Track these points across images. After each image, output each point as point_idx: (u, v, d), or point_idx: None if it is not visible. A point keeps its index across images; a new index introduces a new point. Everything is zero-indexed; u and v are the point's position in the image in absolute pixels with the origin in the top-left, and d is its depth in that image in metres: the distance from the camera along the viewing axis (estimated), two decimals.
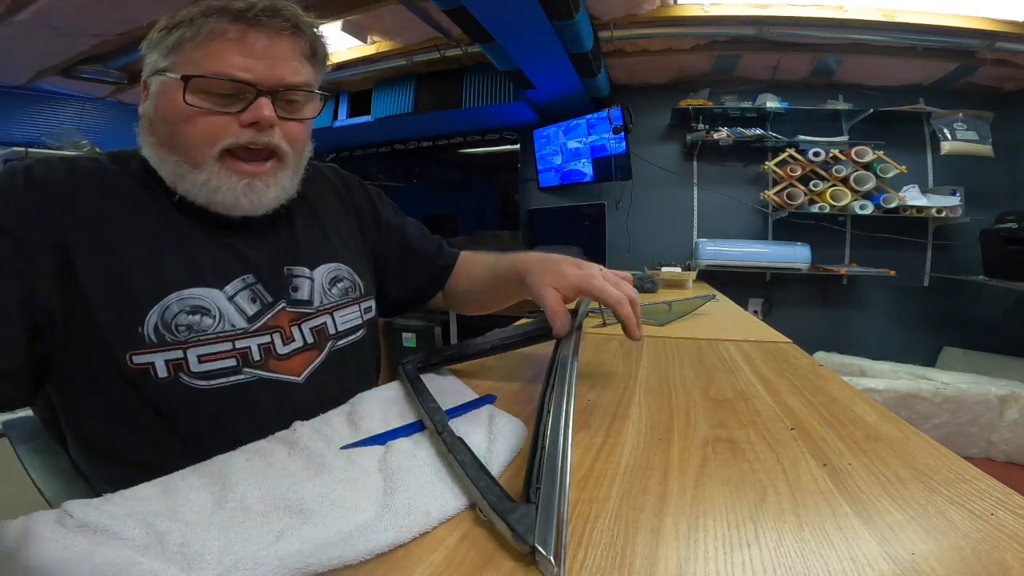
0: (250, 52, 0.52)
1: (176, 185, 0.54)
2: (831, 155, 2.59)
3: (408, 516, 0.32)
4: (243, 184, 0.54)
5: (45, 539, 0.28)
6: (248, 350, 0.55)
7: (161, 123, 0.54)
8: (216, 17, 0.51)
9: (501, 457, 0.41)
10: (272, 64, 0.53)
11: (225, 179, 0.54)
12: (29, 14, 2.10)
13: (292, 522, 0.32)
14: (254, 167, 0.55)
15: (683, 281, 2.05)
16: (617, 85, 2.97)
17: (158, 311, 0.51)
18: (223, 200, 0.54)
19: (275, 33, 0.53)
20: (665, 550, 0.30)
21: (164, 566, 0.27)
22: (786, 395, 0.61)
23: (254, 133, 0.54)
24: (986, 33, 2.14)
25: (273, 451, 0.42)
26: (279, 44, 0.53)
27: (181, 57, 0.52)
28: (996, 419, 1.98)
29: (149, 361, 0.50)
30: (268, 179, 0.56)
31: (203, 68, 0.51)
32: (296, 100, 0.57)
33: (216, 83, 0.51)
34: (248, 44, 0.52)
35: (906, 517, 0.33)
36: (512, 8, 1.77)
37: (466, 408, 0.52)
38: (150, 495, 0.35)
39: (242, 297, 0.56)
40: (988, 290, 2.56)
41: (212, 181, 0.53)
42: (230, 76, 0.51)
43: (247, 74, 0.52)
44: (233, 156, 0.54)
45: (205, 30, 0.51)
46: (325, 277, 0.65)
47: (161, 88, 0.53)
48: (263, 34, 0.52)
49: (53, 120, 3.22)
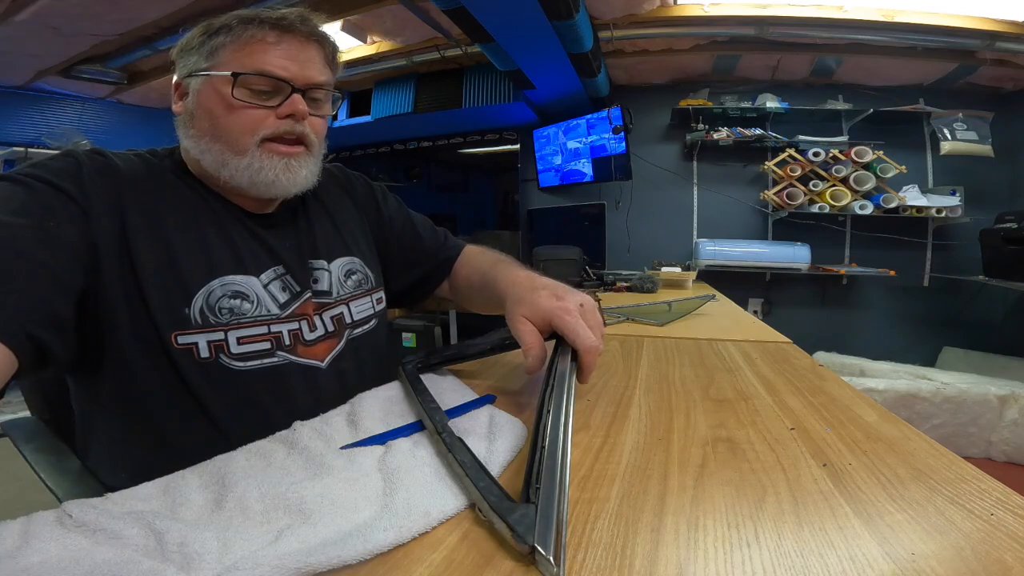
0: (287, 54, 0.59)
1: (220, 171, 0.60)
2: (831, 155, 2.59)
3: (408, 516, 0.32)
4: (282, 163, 0.61)
5: (44, 539, 0.28)
6: (280, 334, 0.61)
7: (205, 117, 0.60)
8: (256, 25, 0.58)
9: (501, 457, 0.41)
10: (304, 65, 0.61)
11: (267, 160, 0.60)
12: (29, 14, 2.10)
13: (291, 522, 0.32)
14: (289, 148, 0.62)
15: (683, 281, 2.05)
16: (617, 85, 2.97)
17: (204, 294, 0.56)
18: (264, 179, 0.61)
19: (305, 39, 0.61)
20: (665, 550, 0.30)
21: (163, 565, 0.27)
22: (786, 395, 0.61)
23: (291, 124, 0.61)
24: (986, 33, 2.14)
25: (273, 451, 0.42)
26: (308, 49, 0.61)
27: (223, 59, 0.58)
28: (996, 419, 1.98)
29: (193, 341, 0.55)
30: (301, 159, 0.63)
31: (248, 66, 0.58)
32: (319, 98, 0.64)
33: (257, 80, 0.58)
34: (285, 47, 0.59)
35: (906, 517, 0.33)
36: (512, 8, 1.77)
37: (466, 408, 0.52)
38: (150, 495, 0.35)
39: (275, 286, 0.63)
40: (988, 290, 2.57)
41: (255, 163, 0.60)
42: (272, 74, 0.58)
43: (285, 72, 0.59)
44: (272, 141, 0.61)
45: (246, 36, 0.58)
46: (341, 270, 0.71)
47: (206, 85, 0.60)
48: (296, 39, 0.60)
49: (53, 120, 3.22)
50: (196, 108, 0.60)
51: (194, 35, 0.60)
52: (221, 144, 0.59)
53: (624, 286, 1.91)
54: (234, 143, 0.59)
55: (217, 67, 0.58)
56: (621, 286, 1.92)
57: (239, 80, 0.57)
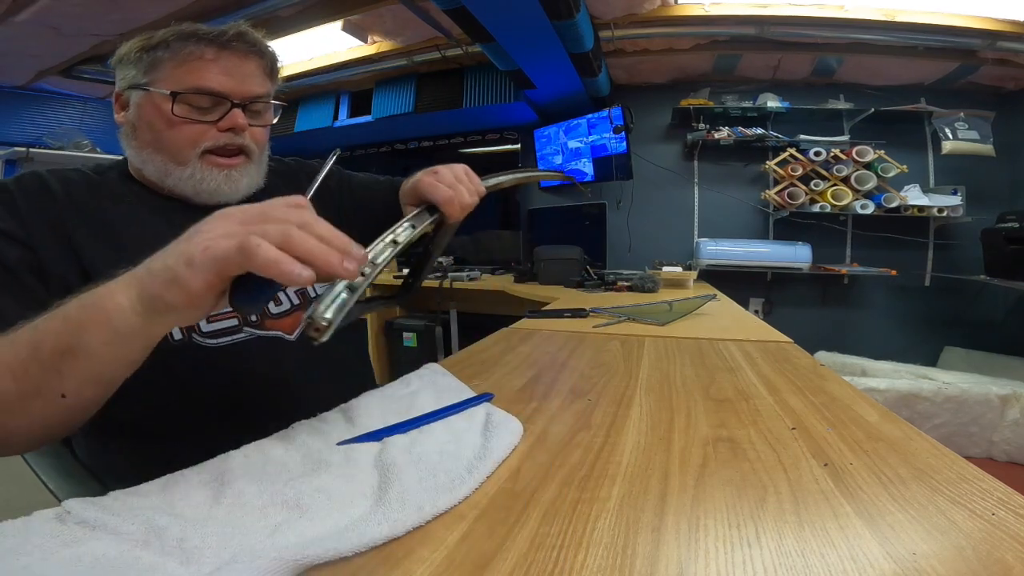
0: (225, 70, 0.62)
1: (163, 180, 0.64)
2: (832, 155, 2.59)
3: (401, 510, 0.32)
4: (223, 175, 0.64)
5: (45, 535, 0.28)
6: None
7: (146, 129, 0.62)
8: (194, 42, 0.60)
9: (496, 454, 0.42)
10: (243, 80, 0.63)
11: (208, 172, 0.63)
12: (29, 14, 2.10)
13: (288, 516, 0.32)
14: (229, 160, 0.65)
15: (684, 281, 2.04)
16: (618, 85, 2.97)
17: None
18: (207, 188, 0.64)
19: (244, 54, 0.63)
20: (666, 550, 0.30)
21: (163, 560, 0.28)
22: (787, 395, 0.60)
23: (230, 136, 0.64)
24: (987, 32, 2.14)
25: (271, 448, 0.43)
26: (247, 63, 0.64)
27: (161, 74, 0.60)
28: (997, 419, 1.98)
29: None
30: (241, 169, 0.66)
31: (186, 84, 0.60)
32: (259, 110, 0.68)
33: (196, 97, 0.61)
34: (223, 63, 0.62)
35: (907, 517, 0.33)
36: (512, 8, 1.77)
37: (464, 405, 0.52)
38: (149, 491, 0.35)
39: None
40: (989, 290, 2.56)
41: (196, 175, 0.63)
42: (211, 90, 0.61)
43: (223, 87, 0.62)
44: (212, 154, 0.64)
45: (184, 52, 0.60)
46: None
47: (146, 100, 0.62)
48: (234, 55, 0.62)
49: (54, 120, 3.22)
50: (137, 120, 0.63)
51: (132, 47, 0.62)
52: (163, 155, 0.62)
53: (625, 286, 1.91)
54: (175, 155, 0.62)
55: (156, 82, 0.60)
56: (622, 286, 1.91)
57: (178, 97, 0.60)
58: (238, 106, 0.63)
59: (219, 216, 0.36)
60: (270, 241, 0.32)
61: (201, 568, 0.27)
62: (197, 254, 0.33)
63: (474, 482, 0.37)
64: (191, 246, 0.34)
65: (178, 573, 0.27)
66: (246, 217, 0.35)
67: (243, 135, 0.65)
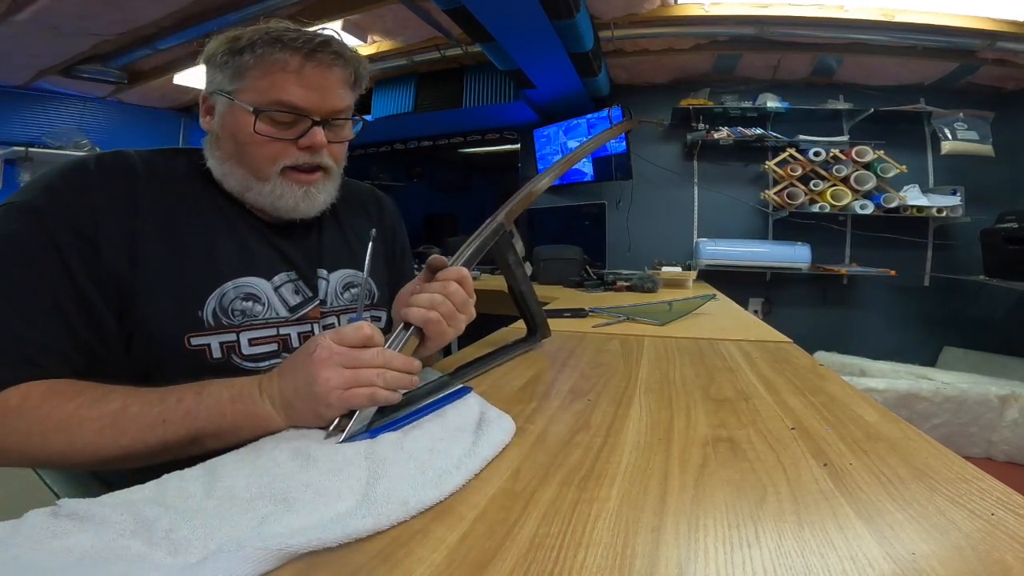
0: (307, 83, 0.60)
1: (244, 194, 0.63)
2: (831, 155, 2.59)
3: (386, 504, 0.33)
4: (301, 191, 0.64)
5: (36, 528, 0.29)
6: (288, 337, 0.64)
7: (229, 141, 0.62)
8: (279, 48, 0.58)
9: (486, 451, 0.42)
10: (324, 94, 0.61)
11: (288, 188, 0.63)
12: (29, 14, 2.10)
13: (275, 509, 0.33)
14: (308, 177, 0.64)
15: (683, 281, 2.04)
16: (617, 85, 2.97)
17: (217, 296, 0.59)
18: (285, 205, 0.64)
19: (327, 65, 0.61)
20: (665, 550, 0.30)
21: (151, 550, 0.28)
22: (786, 395, 0.61)
23: (310, 155, 0.63)
24: (986, 33, 2.14)
25: (263, 444, 0.43)
26: (330, 75, 0.61)
27: (246, 83, 0.59)
28: (997, 419, 1.98)
29: (206, 343, 0.57)
30: (319, 186, 0.66)
31: (269, 97, 0.59)
32: (339, 125, 0.66)
33: (278, 111, 0.60)
34: (306, 76, 0.60)
35: (907, 517, 0.33)
36: (512, 8, 1.77)
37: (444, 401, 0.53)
38: (144, 489, 0.35)
39: (286, 289, 0.65)
40: (988, 290, 2.56)
41: (276, 191, 0.63)
42: (292, 107, 0.60)
43: (305, 103, 0.60)
44: (292, 170, 0.63)
45: (269, 60, 0.58)
46: (339, 281, 0.72)
47: (230, 111, 0.61)
48: (319, 66, 0.60)
49: (54, 120, 3.23)
50: (221, 130, 0.62)
51: (219, 47, 0.60)
52: (245, 169, 0.62)
53: (624, 285, 1.91)
54: (256, 170, 0.62)
55: (240, 92, 0.59)
56: (621, 285, 1.91)
57: (260, 114, 0.59)
58: (319, 124, 0.61)
59: (321, 361, 0.45)
60: (379, 386, 0.45)
61: (188, 558, 0.28)
62: (334, 401, 0.44)
63: (461, 478, 0.37)
64: (320, 389, 0.44)
65: (166, 563, 0.27)
66: (345, 360, 0.45)
67: (322, 153, 0.64)
